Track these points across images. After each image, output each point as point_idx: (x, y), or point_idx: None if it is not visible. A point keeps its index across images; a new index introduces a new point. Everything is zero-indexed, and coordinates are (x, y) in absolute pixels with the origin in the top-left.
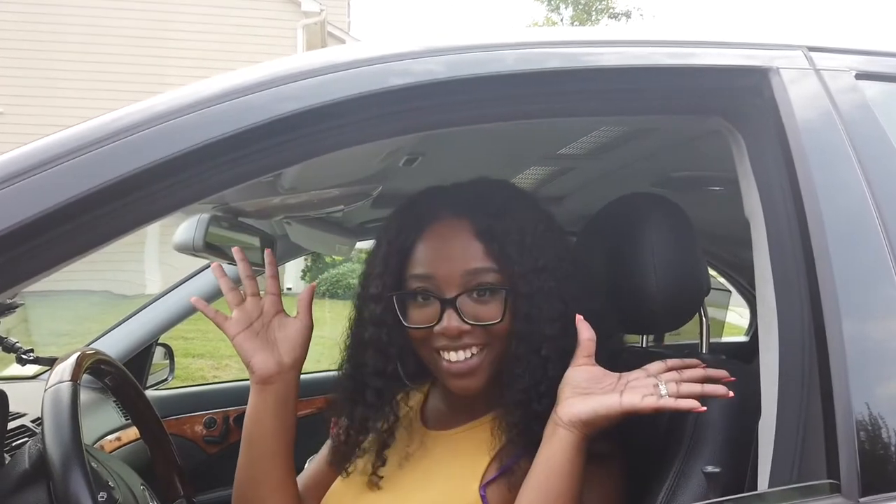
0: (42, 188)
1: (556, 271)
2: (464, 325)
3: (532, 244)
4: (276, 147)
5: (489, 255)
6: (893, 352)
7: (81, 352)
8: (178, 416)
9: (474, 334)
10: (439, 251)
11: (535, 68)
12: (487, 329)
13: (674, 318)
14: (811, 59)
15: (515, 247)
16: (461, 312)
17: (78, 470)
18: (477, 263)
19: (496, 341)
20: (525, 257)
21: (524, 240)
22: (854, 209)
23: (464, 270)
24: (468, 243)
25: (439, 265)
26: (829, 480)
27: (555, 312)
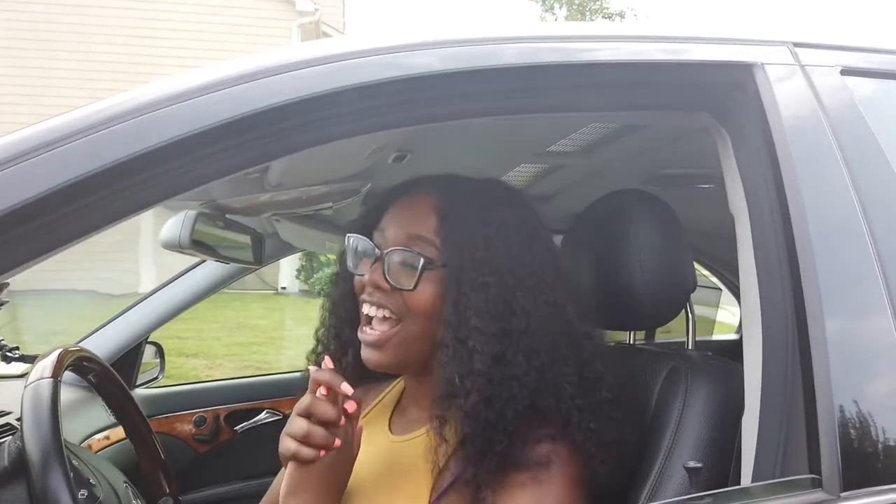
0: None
1: (503, 272)
2: (382, 282)
3: (483, 237)
4: (265, 139)
5: (438, 231)
6: (875, 349)
7: (63, 349)
8: (168, 414)
9: (392, 299)
10: (398, 213)
11: (525, 62)
12: (405, 299)
13: (660, 314)
14: (796, 55)
15: (464, 232)
16: (387, 268)
17: (57, 467)
18: (422, 232)
19: (412, 319)
20: (469, 244)
21: (476, 230)
22: (838, 206)
23: (408, 234)
24: (425, 214)
25: (393, 222)
26: (810, 475)
27: (485, 306)
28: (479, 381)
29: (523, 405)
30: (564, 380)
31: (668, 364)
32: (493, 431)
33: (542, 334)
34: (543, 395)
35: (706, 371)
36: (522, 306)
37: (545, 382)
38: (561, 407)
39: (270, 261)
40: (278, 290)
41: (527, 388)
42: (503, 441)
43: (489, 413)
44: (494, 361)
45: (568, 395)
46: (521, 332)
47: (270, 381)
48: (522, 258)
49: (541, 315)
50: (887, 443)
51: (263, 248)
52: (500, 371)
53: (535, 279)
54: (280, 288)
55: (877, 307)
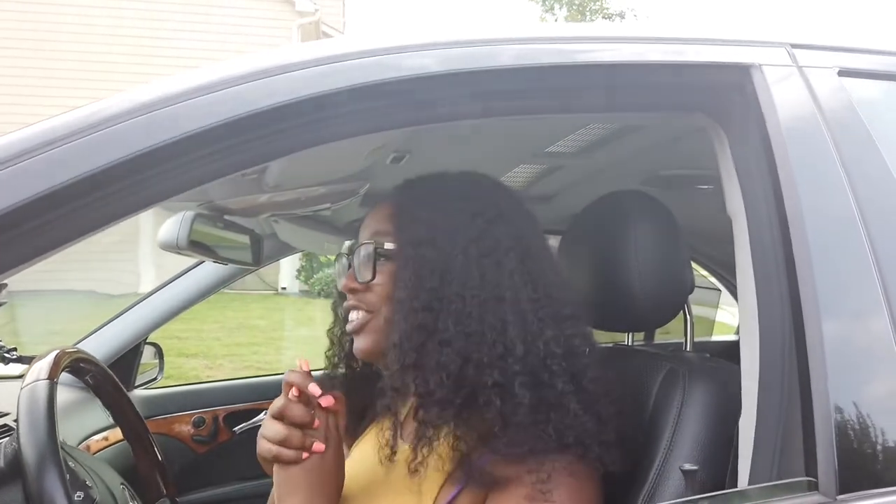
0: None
1: (443, 243)
2: (351, 282)
3: (427, 214)
4: (263, 139)
5: (392, 220)
6: (872, 350)
7: (60, 350)
8: (167, 415)
9: (365, 297)
10: (366, 219)
11: (524, 64)
12: (373, 292)
13: (657, 315)
14: (794, 56)
15: (411, 215)
16: (356, 270)
17: (53, 469)
18: (379, 226)
19: (381, 308)
20: (413, 227)
21: (422, 210)
22: (836, 207)
23: (370, 233)
24: (384, 210)
25: (362, 230)
26: (807, 478)
27: (414, 277)
28: (397, 352)
29: (448, 372)
30: (487, 349)
31: (666, 366)
32: (423, 401)
33: (474, 296)
34: (471, 363)
35: (704, 373)
36: (461, 270)
37: (473, 349)
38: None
39: (269, 261)
40: (278, 290)
41: (456, 353)
42: (433, 411)
43: (417, 384)
44: (422, 330)
45: (487, 366)
46: (455, 296)
47: (269, 381)
48: (468, 229)
49: (481, 280)
50: (884, 446)
51: (262, 249)
52: (429, 339)
53: (484, 245)
54: (280, 288)
55: (874, 309)
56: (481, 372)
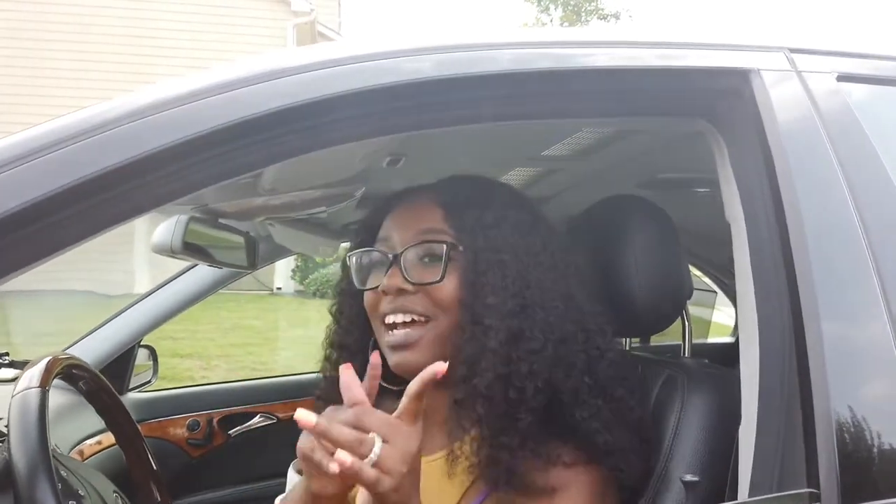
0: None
1: (515, 249)
2: (404, 283)
3: (492, 217)
4: (261, 144)
5: (446, 220)
6: (873, 356)
7: (52, 357)
8: (161, 418)
9: (417, 300)
10: (401, 217)
11: (521, 69)
12: (431, 296)
13: (656, 321)
14: (793, 61)
15: (473, 215)
16: (405, 270)
17: (44, 479)
18: (432, 224)
19: (442, 314)
20: (479, 225)
21: (484, 212)
22: (835, 212)
23: (417, 229)
24: (429, 208)
25: (397, 227)
26: (808, 489)
27: (501, 283)
28: (493, 359)
29: (542, 379)
30: (573, 355)
31: (665, 372)
32: (515, 408)
33: (555, 308)
34: (557, 370)
35: (703, 380)
36: (538, 280)
37: (558, 358)
38: (571, 388)
39: (264, 264)
40: (273, 290)
41: (544, 361)
42: (525, 417)
43: (509, 390)
44: (511, 338)
45: (578, 370)
46: (537, 306)
47: (265, 384)
48: (532, 235)
49: (553, 288)
50: (888, 456)
51: (257, 252)
52: (518, 347)
53: (545, 254)
54: (275, 288)
55: (874, 314)
56: (570, 376)
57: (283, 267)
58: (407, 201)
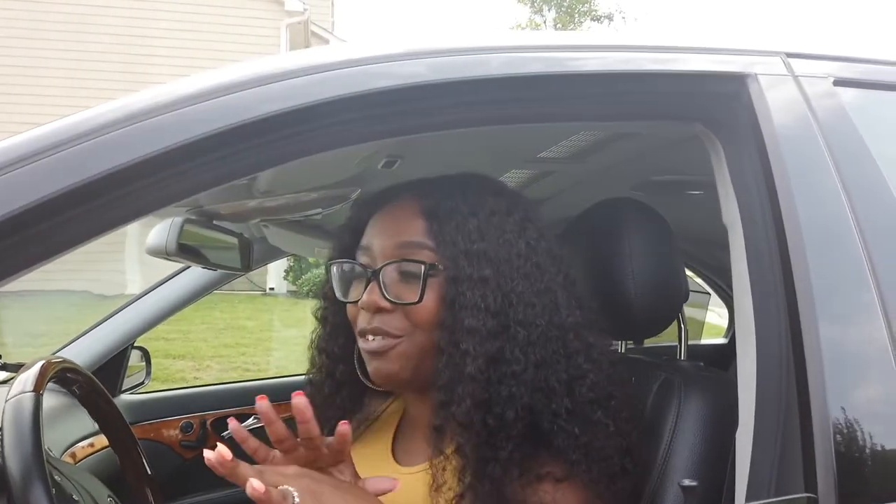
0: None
1: (498, 263)
2: (382, 301)
3: (475, 227)
4: (256, 148)
5: (429, 232)
6: (871, 360)
7: (46, 361)
8: (154, 420)
9: (393, 319)
10: (383, 224)
11: (517, 72)
12: (409, 315)
13: (652, 324)
14: (789, 66)
15: (455, 226)
16: (384, 287)
17: (38, 484)
18: (412, 237)
19: (419, 332)
20: (462, 238)
21: (467, 222)
22: (831, 216)
23: (398, 242)
24: (411, 219)
25: (378, 235)
26: (806, 494)
27: (482, 302)
28: (471, 385)
29: (522, 404)
30: (554, 376)
31: (661, 376)
32: (495, 437)
33: (537, 324)
34: (538, 394)
35: (699, 383)
36: (521, 295)
37: (539, 380)
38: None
39: (258, 265)
40: (266, 291)
41: (524, 385)
42: (507, 447)
43: (488, 417)
44: (490, 362)
45: (558, 394)
46: (519, 324)
47: (258, 386)
48: (517, 244)
49: (536, 303)
50: (884, 461)
51: (251, 254)
52: (497, 370)
53: (529, 265)
54: (268, 289)
55: (871, 318)
56: (550, 400)
57: (276, 268)
58: (390, 204)
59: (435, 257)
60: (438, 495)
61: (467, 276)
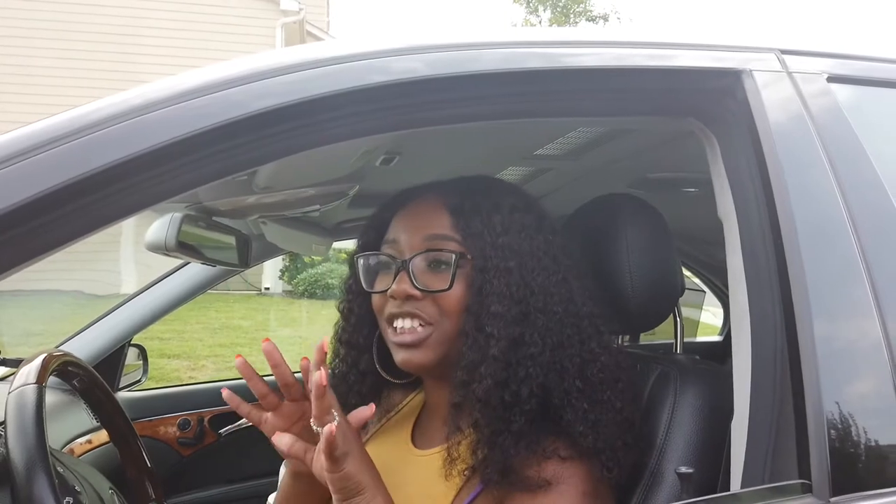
0: (9, 183)
1: (521, 255)
2: (413, 290)
3: (500, 222)
4: (252, 143)
5: (455, 227)
6: (864, 352)
7: (48, 353)
8: (152, 417)
9: (424, 306)
10: (409, 219)
11: (513, 68)
12: (438, 302)
13: (649, 318)
14: (784, 62)
15: (481, 221)
16: (413, 276)
17: (42, 475)
18: (439, 230)
19: (447, 319)
20: (488, 232)
21: (492, 217)
22: (825, 211)
23: (425, 235)
24: (437, 213)
25: (405, 229)
26: (800, 481)
27: (507, 290)
28: (494, 366)
29: (537, 383)
30: (568, 358)
31: (657, 368)
32: (509, 411)
33: (555, 312)
34: (552, 374)
35: (695, 375)
36: (541, 285)
37: (554, 362)
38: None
39: (256, 263)
40: (261, 290)
41: (541, 366)
42: (519, 420)
43: (505, 394)
44: (512, 344)
45: (570, 374)
46: (539, 312)
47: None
48: (536, 238)
49: (555, 293)
50: (877, 448)
51: (250, 251)
52: (517, 353)
53: (548, 258)
54: (263, 288)
55: (864, 311)
56: (563, 379)
57: (271, 267)
58: (414, 202)
59: (462, 249)
60: (452, 467)
61: (494, 265)
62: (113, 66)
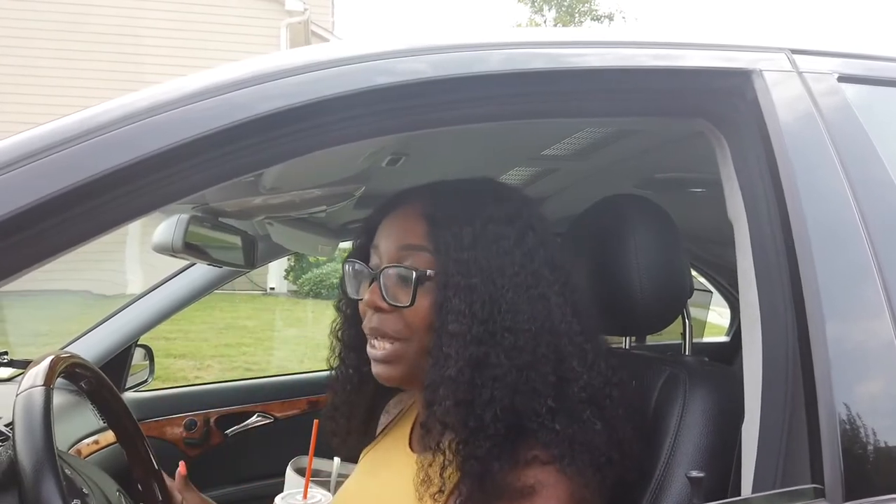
0: (19, 185)
1: (489, 271)
2: (380, 301)
3: (469, 235)
4: (258, 146)
5: (429, 236)
6: (877, 354)
7: (55, 355)
8: (158, 418)
9: (391, 320)
10: (390, 226)
11: (519, 69)
12: (405, 317)
13: (657, 320)
14: (794, 62)
15: (451, 234)
16: (383, 288)
17: (50, 477)
18: (412, 240)
19: (415, 335)
20: (455, 246)
21: (462, 229)
22: (837, 211)
23: (399, 244)
24: (413, 221)
25: (386, 236)
26: (812, 485)
27: (467, 309)
28: (452, 387)
29: (502, 406)
30: (540, 379)
31: (666, 370)
32: (475, 436)
33: (526, 329)
34: (521, 394)
35: (704, 378)
36: (511, 302)
37: (523, 381)
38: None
39: (262, 263)
40: (267, 290)
41: (507, 387)
42: (485, 445)
43: (468, 419)
44: (474, 365)
45: (542, 395)
46: (506, 330)
47: (261, 384)
48: (512, 253)
49: (528, 311)
50: (891, 451)
51: (256, 252)
52: (480, 374)
53: (525, 273)
54: (269, 288)
55: (877, 312)
56: (532, 400)
57: (276, 267)
58: (400, 206)
59: (432, 262)
60: (426, 490)
61: (455, 283)
62: (115, 66)
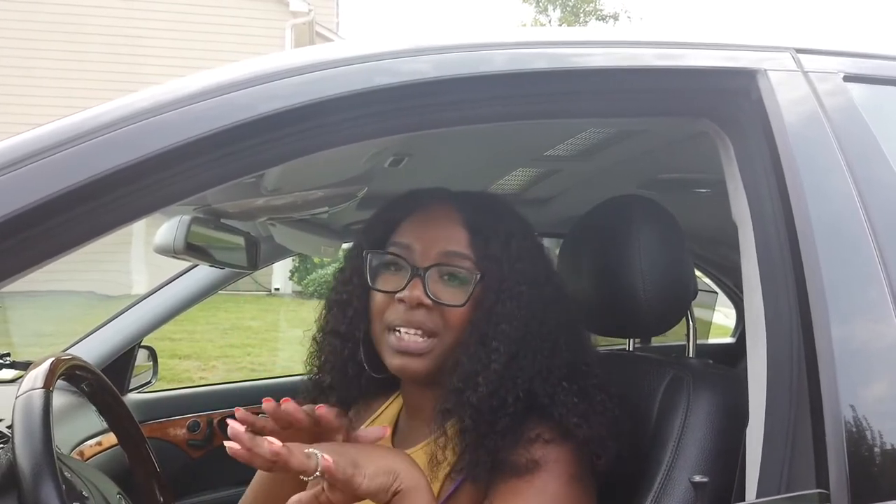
0: (21, 185)
1: (531, 281)
2: (426, 299)
3: (515, 248)
4: (260, 146)
5: (471, 245)
6: (882, 355)
7: (55, 358)
8: (161, 419)
9: (430, 317)
10: (425, 227)
11: (522, 69)
12: (444, 315)
13: (661, 321)
14: (799, 61)
15: (499, 245)
16: (427, 286)
17: (49, 480)
18: (457, 248)
19: (449, 332)
20: (505, 257)
21: (509, 242)
22: (842, 212)
23: (443, 250)
24: (454, 229)
25: (421, 237)
26: (818, 490)
27: (517, 312)
28: (491, 377)
29: (524, 389)
30: (555, 364)
31: (670, 373)
32: (495, 414)
33: (549, 332)
34: (538, 379)
35: (709, 380)
36: (543, 309)
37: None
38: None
39: (265, 264)
40: (271, 291)
41: (528, 375)
42: (504, 420)
43: (493, 400)
44: (510, 359)
45: (556, 377)
46: (535, 334)
47: (265, 385)
48: (538, 265)
49: (552, 316)
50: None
51: (258, 253)
52: (515, 365)
53: (549, 285)
54: (273, 289)
55: (883, 315)
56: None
57: (280, 268)
58: (430, 211)
59: (475, 267)
60: (438, 469)
61: (508, 288)
62: (117, 66)
